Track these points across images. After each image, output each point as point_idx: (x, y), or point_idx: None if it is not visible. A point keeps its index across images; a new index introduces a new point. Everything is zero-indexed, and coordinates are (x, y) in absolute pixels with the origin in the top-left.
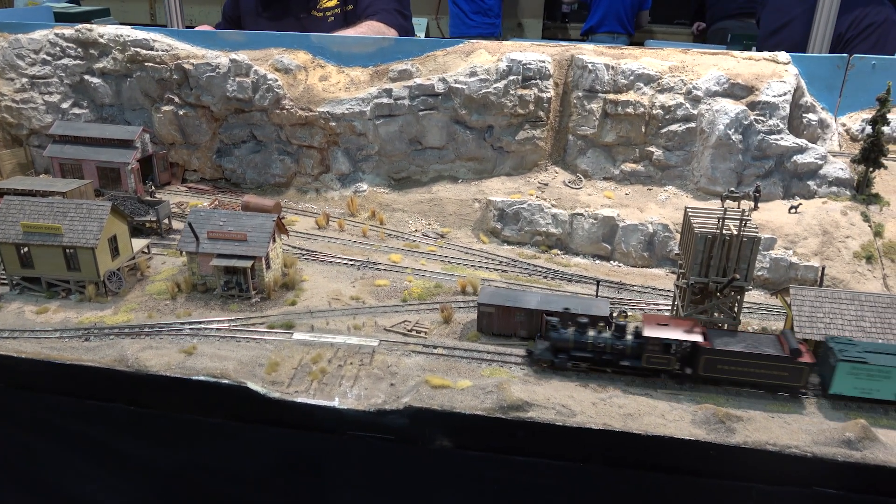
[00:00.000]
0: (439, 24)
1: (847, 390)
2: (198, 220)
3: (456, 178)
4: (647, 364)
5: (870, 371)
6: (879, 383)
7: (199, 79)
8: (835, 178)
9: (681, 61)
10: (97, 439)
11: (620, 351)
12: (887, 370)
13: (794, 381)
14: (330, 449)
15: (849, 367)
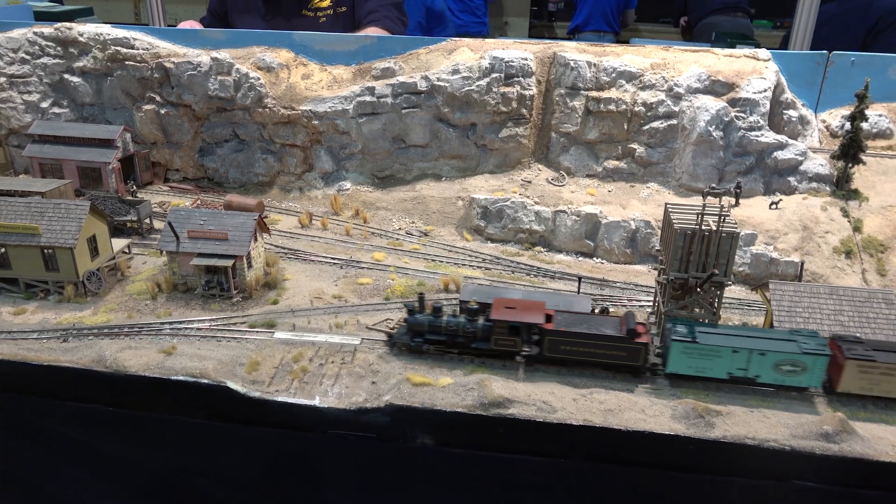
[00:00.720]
0: None
1: (682, 369)
2: (178, 219)
3: (440, 176)
4: (496, 346)
5: (701, 350)
6: (711, 362)
7: (181, 77)
8: (815, 173)
9: (662, 58)
10: (76, 441)
11: (472, 334)
12: (717, 349)
13: (632, 361)
14: (312, 448)
15: (681, 347)
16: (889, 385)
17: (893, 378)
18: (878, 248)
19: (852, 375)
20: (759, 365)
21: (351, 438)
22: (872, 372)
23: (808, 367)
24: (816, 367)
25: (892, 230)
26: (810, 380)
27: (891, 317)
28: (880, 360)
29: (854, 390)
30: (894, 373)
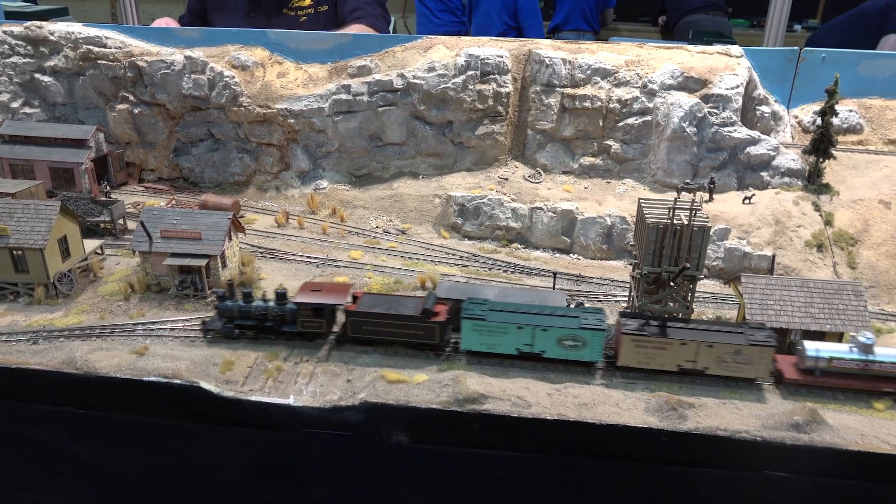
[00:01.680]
0: (406, 22)
1: (475, 346)
2: (151, 219)
3: (417, 174)
4: (303, 328)
5: (490, 328)
6: (500, 338)
7: (154, 76)
8: (787, 168)
9: (636, 55)
10: (48, 444)
11: (281, 317)
12: (504, 326)
13: (430, 339)
14: (288, 448)
15: (471, 325)
16: (663, 358)
17: (666, 352)
18: (848, 242)
19: (629, 350)
20: (543, 340)
21: (326, 437)
22: (647, 346)
23: (587, 342)
24: (595, 341)
25: (862, 224)
26: (591, 354)
27: (860, 307)
28: (652, 335)
29: (632, 364)
30: (667, 347)
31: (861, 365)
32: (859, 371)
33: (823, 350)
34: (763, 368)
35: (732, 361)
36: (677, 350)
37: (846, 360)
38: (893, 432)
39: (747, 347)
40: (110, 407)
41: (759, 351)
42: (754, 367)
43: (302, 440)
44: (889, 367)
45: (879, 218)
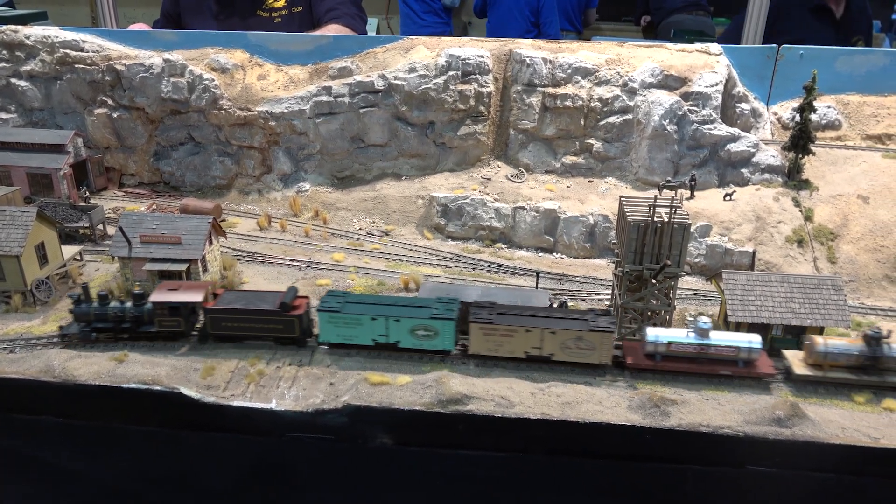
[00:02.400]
0: (389, 23)
1: (332, 338)
2: (130, 224)
3: (399, 175)
4: (161, 328)
5: (345, 319)
6: (356, 330)
7: (133, 80)
8: (767, 165)
9: (617, 54)
10: (26, 454)
11: (138, 318)
12: (358, 318)
13: (289, 333)
14: (271, 451)
15: (327, 317)
16: (511, 346)
17: (514, 339)
18: (828, 237)
19: (478, 338)
20: (397, 331)
21: (309, 441)
22: (494, 334)
23: (439, 331)
24: (446, 330)
25: (842, 219)
26: (444, 343)
27: (839, 302)
28: (498, 323)
29: (483, 351)
30: (513, 334)
31: (698, 349)
32: (697, 354)
33: (663, 335)
34: (605, 354)
35: (576, 347)
36: (523, 337)
37: (684, 345)
38: (873, 425)
39: (588, 333)
40: (90, 415)
41: (599, 336)
42: (597, 353)
43: (285, 445)
44: (724, 351)
45: (858, 213)
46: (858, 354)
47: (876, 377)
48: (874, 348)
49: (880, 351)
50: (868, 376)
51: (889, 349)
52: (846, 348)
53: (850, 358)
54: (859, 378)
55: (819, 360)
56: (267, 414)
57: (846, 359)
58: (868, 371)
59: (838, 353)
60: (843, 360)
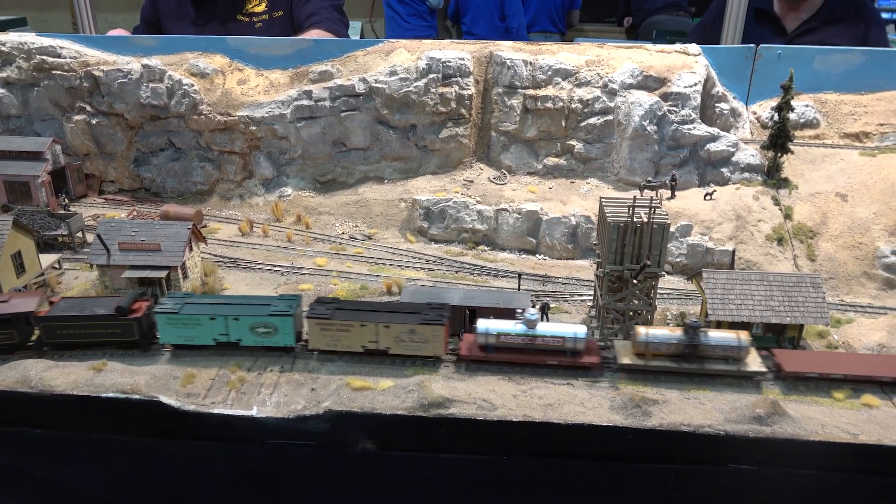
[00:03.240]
0: (373, 26)
1: (173, 339)
2: (108, 231)
3: (382, 178)
4: None
5: (184, 320)
6: (196, 330)
7: (111, 86)
8: (746, 164)
9: (597, 55)
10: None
11: None
12: (197, 318)
13: (128, 336)
14: (253, 459)
15: (166, 319)
16: (348, 340)
17: (350, 334)
18: (807, 235)
19: (315, 333)
20: (237, 329)
21: (291, 448)
22: (331, 329)
23: (278, 328)
24: (285, 327)
25: (821, 216)
26: (284, 339)
27: (818, 299)
28: (334, 319)
29: (322, 346)
30: (349, 329)
31: (526, 340)
32: (525, 345)
33: (493, 327)
34: (437, 346)
35: (410, 340)
36: (359, 332)
37: (512, 336)
38: (852, 421)
39: (420, 326)
40: (68, 425)
41: (431, 329)
42: (430, 345)
43: (267, 452)
44: (550, 341)
45: (837, 210)
46: (678, 343)
47: (695, 365)
48: (692, 337)
49: (698, 339)
50: (688, 364)
51: (706, 338)
52: (666, 337)
53: (670, 347)
54: (679, 366)
55: (642, 350)
56: (248, 421)
57: (666, 347)
58: (688, 359)
59: (659, 343)
60: (664, 349)
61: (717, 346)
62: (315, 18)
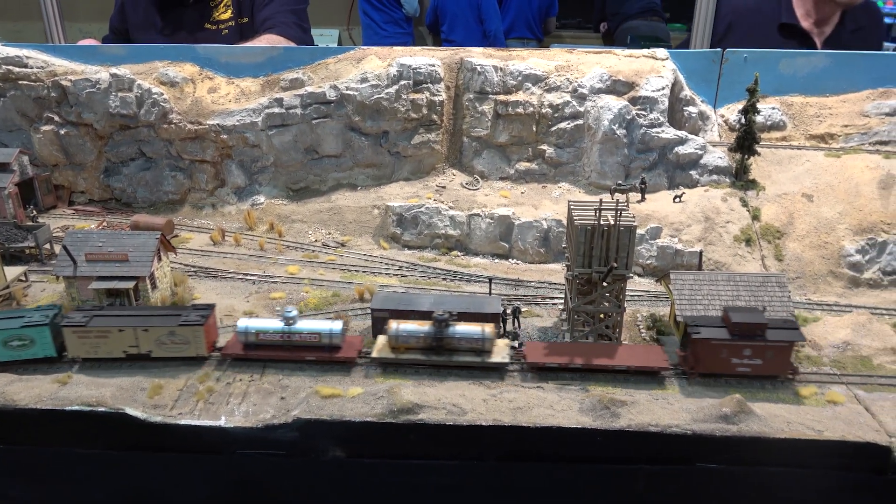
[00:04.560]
0: (351, 34)
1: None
2: (75, 242)
3: (355, 185)
4: None
5: None
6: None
7: (79, 95)
8: (714, 166)
9: (566, 61)
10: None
11: None
12: None
13: None
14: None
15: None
16: (109, 346)
17: (109, 339)
18: (775, 235)
19: (73, 341)
20: None
21: (260, 457)
22: (89, 336)
23: (36, 340)
24: (42, 338)
25: (788, 217)
26: (44, 350)
27: (784, 298)
28: (91, 325)
29: (83, 354)
30: (107, 335)
31: (284, 336)
32: (283, 342)
33: (251, 325)
34: (199, 346)
35: (171, 342)
36: (118, 337)
37: (270, 333)
38: (817, 418)
39: (179, 328)
40: (32, 440)
41: (190, 330)
42: (192, 346)
43: (236, 462)
44: (308, 337)
45: (803, 211)
46: (426, 336)
47: (444, 357)
48: (440, 330)
49: (446, 332)
50: (437, 356)
51: (454, 331)
52: (415, 331)
53: (419, 339)
54: (429, 358)
55: (393, 343)
56: (216, 431)
57: (416, 340)
58: (437, 351)
59: (408, 336)
60: (414, 342)
61: (463, 338)
62: (270, 23)
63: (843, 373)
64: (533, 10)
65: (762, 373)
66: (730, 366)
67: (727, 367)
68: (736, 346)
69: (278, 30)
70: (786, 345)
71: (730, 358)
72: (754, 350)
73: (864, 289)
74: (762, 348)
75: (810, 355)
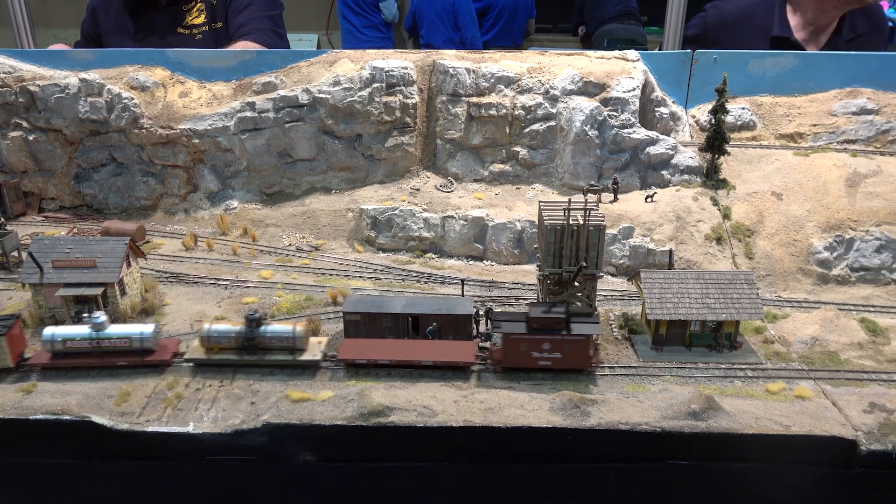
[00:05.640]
0: (330, 39)
1: None
2: (41, 249)
3: (329, 189)
4: None
5: None
6: None
7: (48, 101)
8: (686, 166)
9: (538, 62)
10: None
11: None
12: None
13: None
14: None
15: None
16: None
17: None
18: (745, 233)
19: None
20: None
21: (230, 463)
22: None
23: None
24: None
25: (757, 215)
26: None
27: (752, 295)
28: None
29: None
30: None
31: (93, 343)
32: (93, 349)
33: (58, 333)
34: (4, 357)
35: None
36: None
37: (78, 340)
38: (785, 413)
39: None
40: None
41: None
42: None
43: (206, 468)
44: (118, 342)
45: (773, 209)
46: (237, 336)
47: (256, 356)
48: (252, 329)
49: (258, 332)
50: (250, 356)
51: (265, 330)
52: (227, 331)
53: (230, 340)
54: (241, 358)
55: (206, 344)
56: (184, 438)
57: (227, 340)
58: (249, 351)
59: (220, 336)
60: (226, 342)
61: (274, 337)
62: (245, 30)
63: (811, 368)
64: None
65: (563, 366)
66: (531, 360)
67: (529, 361)
68: (535, 341)
69: (254, 36)
70: (583, 338)
71: (530, 352)
72: (553, 344)
73: (833, 285)
74: (560, 342)
75: (779, 351)
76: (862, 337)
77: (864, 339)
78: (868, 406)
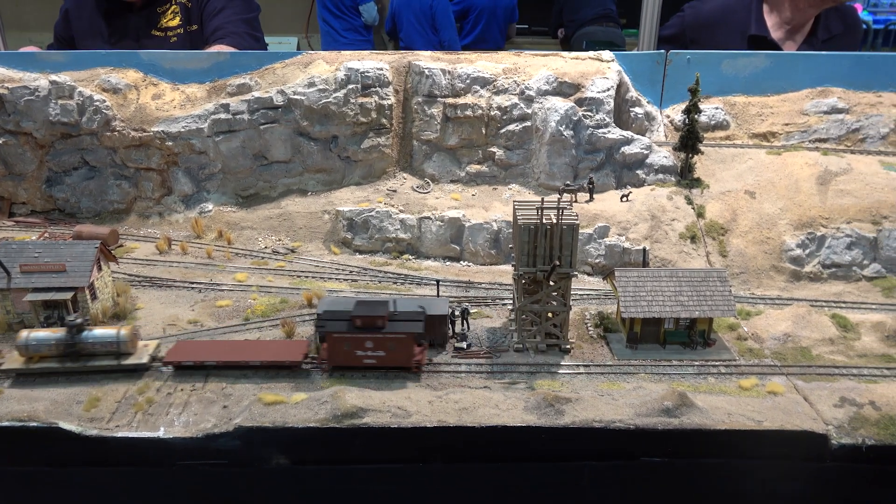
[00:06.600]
0: (310, 42)
1: None
2: (9, 253)
3: (305, 190)
4: None
5: None
6: None
7: (17, 104)
8: (660, 165)
9: (514, 63)
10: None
11: None
12: None
13: None
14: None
15: None
16: None
17: None
18: (719, 232)
19: None
20: None
21: (202, 468)
22: None
23: None
24: None
25: (731, 214)
26: None
27: (725, 293)
28: None
29: None
30: None
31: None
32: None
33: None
34: None
35: None
36: None
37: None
38: (758, 409)
39: None
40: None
41: None
42: None
43: (177, 473)
44: None
45: (746, 207)
46: (57, 343)
47: (79, 363)
48: (74, 336)
49: (80, 338)
50: (73, 363)
51: (87, 335)
52: (46, 338)
53: (51, 347)
54: (63, 365)
55: (25, 353)
56: (155, 443)
57: (48, 348)
58: (72, 357)
59: (39, 344)
60: (47, 350)
61: (97, 342)
62: (220, 33)
63: (783, 364)
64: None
65: (387, 364)
66: (356, 358)
67: (355, 360)
68: (357, 339)
69: (230, 39)
70: (404, 336)
71: (354, 350)
72: (375, 342)
73: (805, 282)
74: (382, 340)
75: (752, 348)
76: (833, 332)
77: (836, 335)
78: (839, 400)
